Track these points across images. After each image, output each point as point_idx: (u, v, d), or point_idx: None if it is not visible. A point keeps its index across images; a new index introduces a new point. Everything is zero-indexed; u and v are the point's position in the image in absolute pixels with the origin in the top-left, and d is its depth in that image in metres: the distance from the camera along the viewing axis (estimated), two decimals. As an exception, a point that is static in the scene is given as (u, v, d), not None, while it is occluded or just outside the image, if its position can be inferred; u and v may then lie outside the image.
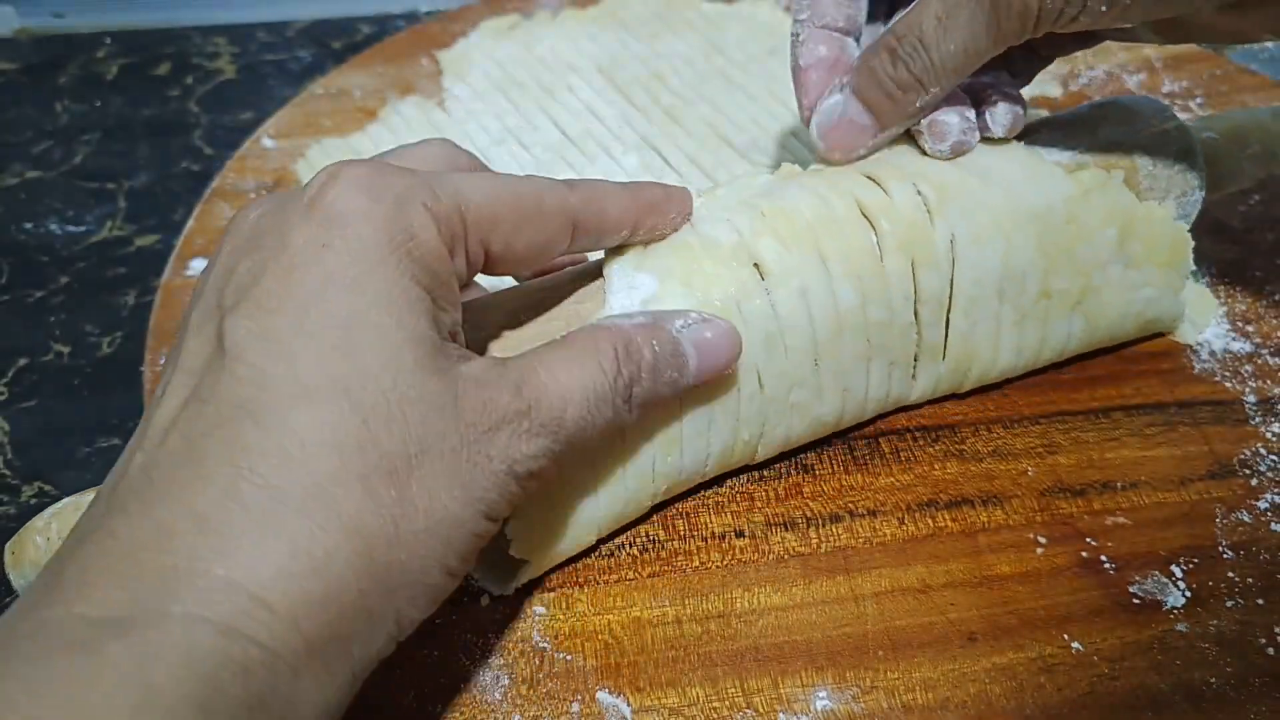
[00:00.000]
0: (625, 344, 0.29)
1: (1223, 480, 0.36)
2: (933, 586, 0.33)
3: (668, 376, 0.30)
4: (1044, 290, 0.36)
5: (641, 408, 0.29)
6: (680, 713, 0.30)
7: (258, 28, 0.66)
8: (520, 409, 0.26)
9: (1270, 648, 0.31)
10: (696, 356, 0.30)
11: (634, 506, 0.33)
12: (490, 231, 0.28)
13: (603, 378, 0.28)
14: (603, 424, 0.28)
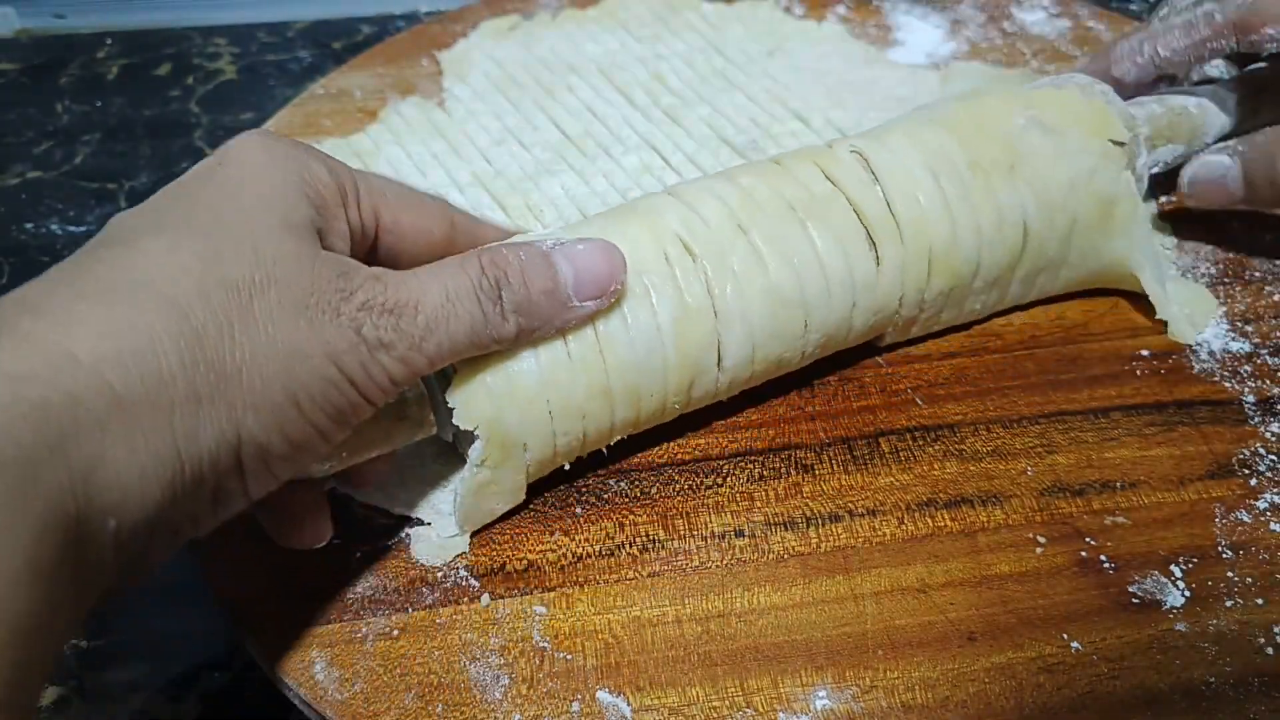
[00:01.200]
0: (491, 255, 0.30)
1: (1222, 480, 0.36)
2: (932, 586, 0.33)
3: (541, 285, 0.31)
4: (972, 161, 0.37)
5: (519, 314, 0.30)
6: (680, 712, 0.30)
7: (258, 28, 0.66)
8: (376, 286, 0.28)
9: (1269, 647, 0.32)
10: (572, 268, 0.31)
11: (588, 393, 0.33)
12: (379, 199, 0.31)
13: (465, 278, 0.29)
14: (470, 320, 0.29)
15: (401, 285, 0.28)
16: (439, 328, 0.29)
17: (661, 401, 0.34)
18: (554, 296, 0.31)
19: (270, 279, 0.26)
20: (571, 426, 0.33)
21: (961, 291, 0.39)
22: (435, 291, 0.29)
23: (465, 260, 0.30)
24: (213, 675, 0.34)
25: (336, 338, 0.26)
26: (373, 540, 0.34)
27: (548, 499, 0.35)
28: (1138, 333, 0.41)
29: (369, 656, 0.31)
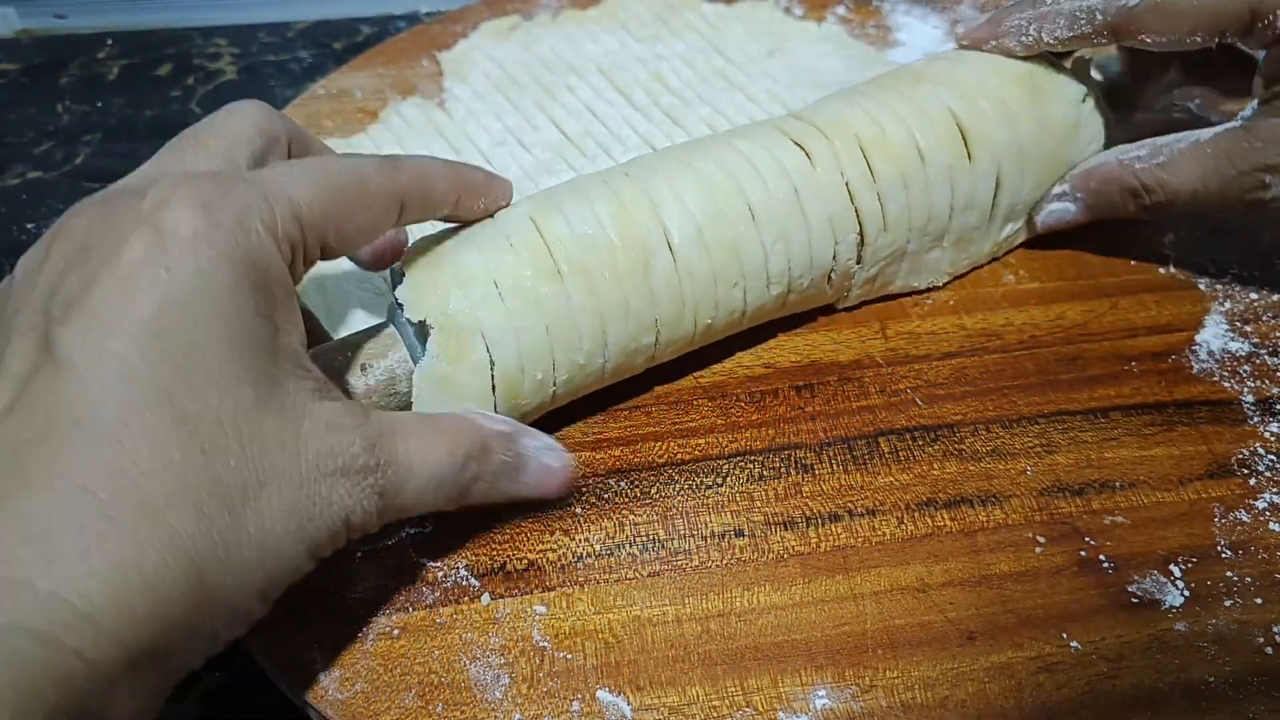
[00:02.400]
0: (482, 445, 0.30)
1: (1221, 480, 0.36)
2: (932, 585, 0.33)
3: (503, 487, 0.31)
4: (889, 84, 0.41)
5: (472, 502, 0.30)
6: (680, 711, 0.30)
7: (259, 29, 0.66)
8: (369, 464, 0.27)
9: (1269, 647, 0.32)
10: (534, 479, 0.32)
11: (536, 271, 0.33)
12: (324, 227, 0.29)
13: (452, 468, 0.29)
14: (434, 506, 0.29)
15: (394, 465, 0.27)
16: (408, 510, 0.29)
17: (620, 293, 0.34)
18: (505, 494, 0.31)
19: (261, 482, 0.24)
20: (528, 315, 0.33)
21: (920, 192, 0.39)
22: (423, 478, 0.28)
23: (457, 442, 0.29)
24: (213, 675, 0.34)
25: (322, 529, 0.26)
26: (373, 540, 0.34)
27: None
28: (1137, 333, 0.41)
29: (369, 656, 0.31)
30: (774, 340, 0.41)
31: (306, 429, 0.26)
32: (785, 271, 0.37)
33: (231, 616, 0.25)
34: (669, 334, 0.36)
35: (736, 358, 0.40)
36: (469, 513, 0.32)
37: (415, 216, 0.32)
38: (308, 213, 0.28)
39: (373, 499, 0.27)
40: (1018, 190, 0.42)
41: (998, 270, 0.44)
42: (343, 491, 0.26)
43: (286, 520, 0.25)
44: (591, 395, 0.37)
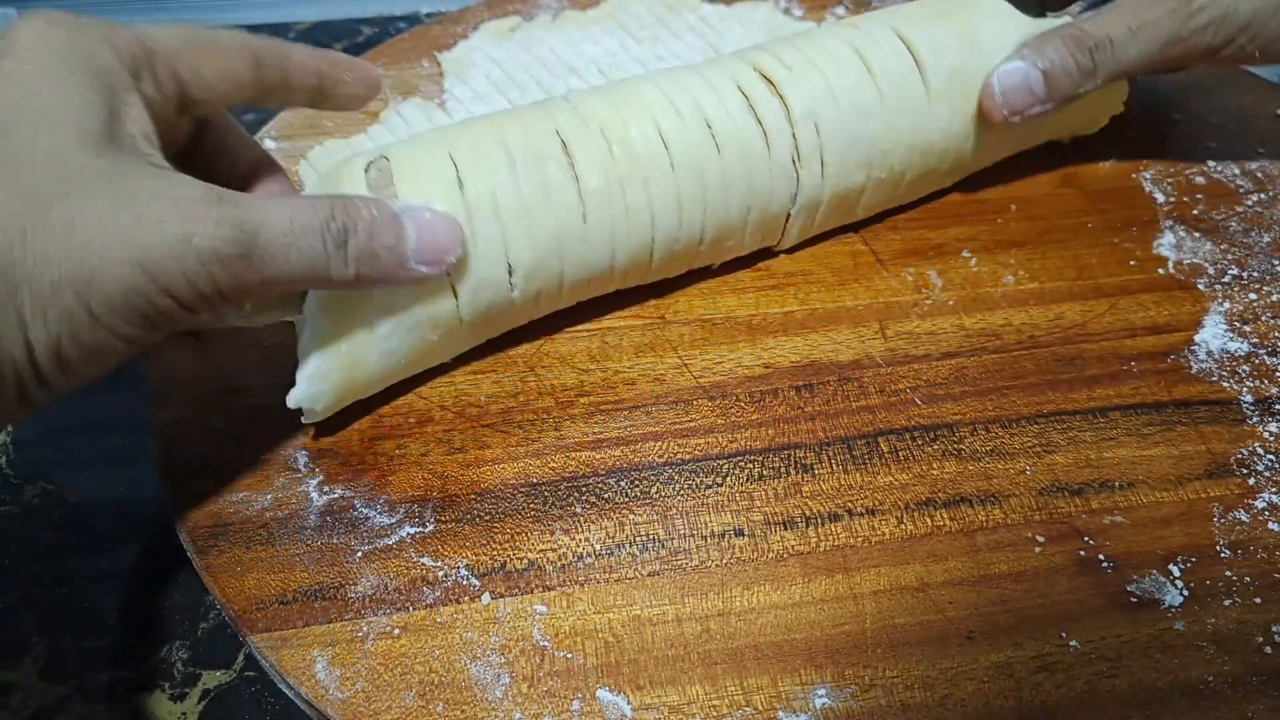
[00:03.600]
0: (344, 202, 0.31)
1: (1220, 480, 0.36)
2: (931, 585, 0.33)
3: (385, 240, 0.32)
4: None
5: (360, 263, 0.31)
6: (680, 711, 0.30)
7: (259, 29, 0.66)
8: (207, 196, 0.28)
9: (1268, 646, 0.32)
10: (416, 232, 0.33)
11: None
12: (174, 59, 0.31)
13: (313, 215, 0.30)
14: (311, 256, 0.30)
15: (241, 203, 0.28)
16: (278, 254, 0.29)
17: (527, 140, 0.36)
18: (395, 253, 0.32)
19: (70, 190, 0.26)
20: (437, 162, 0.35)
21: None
22: (279, 218, 0.29)
23: (317, 200, 0.31)
24: (213, 675, 0.34)
25: (156, 246, 0.26)
26: (373, 540, 0.34)
27: (548, 498, 0.35)
28: (1136, 333, 0.41)
29: (370, 655, 0.31)
30: (773, 340, 0.41)
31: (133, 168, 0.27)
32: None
33: (42, 303, 0.25)
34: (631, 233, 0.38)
35: (736, 358, 0.40)
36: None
37: (276, 77, 0.34)
38: (154, 43, 0.31)
39: (219, 226, 0.27)
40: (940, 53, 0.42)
41: (997, 271, 0.44)
42: (179, 216, 0.27)
43: (103, 226, 0.26)
44: (594, 396, 0.37)
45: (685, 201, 0.38)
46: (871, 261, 0.44)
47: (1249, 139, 0.50)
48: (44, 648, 0.34)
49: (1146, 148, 0.50)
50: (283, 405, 0.38)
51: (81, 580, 0.36)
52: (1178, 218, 0.46)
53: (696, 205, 0.38)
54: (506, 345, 0.40)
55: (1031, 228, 0.46)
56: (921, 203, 0.47)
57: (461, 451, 0.37)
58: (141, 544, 0.37)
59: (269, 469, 0.36)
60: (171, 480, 0.36)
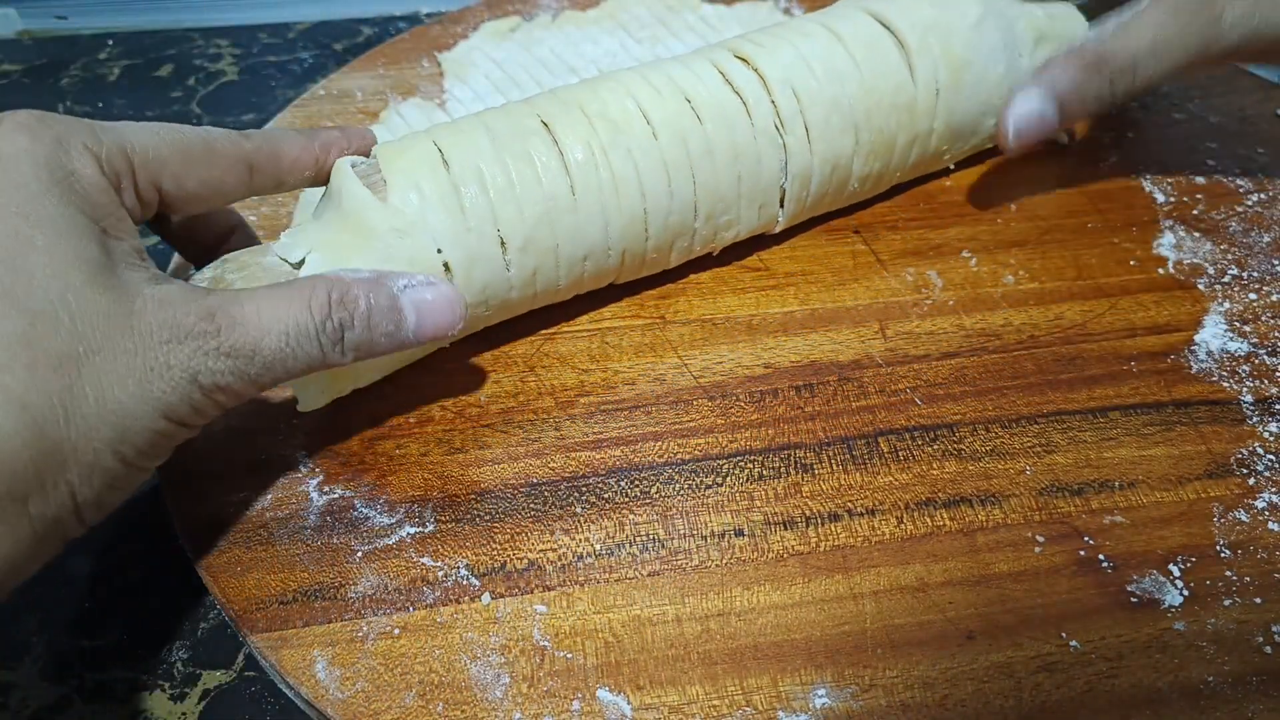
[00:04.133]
0: (341, 292, 0.31)
1: (1220, 480, 0.36)
2: (931, 585, 0.33)
3: (384, 329, 0.32)
4: None
5: (357, 351, 0.31)
6: (680, 710, 0.30)
7: (260, 29, 0.66)
8: (207, 330, 0.28)
9: (1268, 646, 0.32)
10: (416, 315, 0.32)
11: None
12: (159, 170, 0.31)
13: (309, 318, 0.30)
14: (308, 360, 0.30)
15: (238, 327, 0.29)
16: (277, 367, 0.30)
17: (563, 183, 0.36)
18: (393, 339, 0.32)
19: (92, 349, 0.26)
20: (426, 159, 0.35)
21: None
22: (276, 334, 0.29)
23: (313, 294, 0.30)
24: (213, 675, 0.34)
25: (168, 391, 0.28)
26: (373, 540, 0.34)
27: (548, 498, 0.35)
28: (1136, 333, 0.41)
29: (370, 655, 0.31)
30: (773, 340, 0.41)
31: (139, 305, 0.28)
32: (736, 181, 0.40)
33: (88, 470, 0.27)
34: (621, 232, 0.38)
35: (736, 358, 0.40)
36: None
37: (269, 180, 0.34)
38: (139, 152, 0.30)
39: (221, 360, 0.28)
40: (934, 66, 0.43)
41: (997, 271, 0.44)
42: (183, 355, 0.28)
43: (125, 383, 0.27)
44: (597, 401, 0.37)
45: (672, 169, 0.38)
46: (871, 261, 0.44)
47: (1249, 139, 0.50)
48: (44, 648, 0.34)
49: (1147, 148, 0.50)
50: (283, 405, 0.38)
51: (81, 580, 0.36)
52: (1178, 218, 0.46)
53: (684, 173, 0.39)
54: (506, 344, 0.40)
55: (1031, 228, 0.46)
56: (918, 184, 0.47)
57: (461, 451, 0.37)
58: (141, 544, 0.37)
59: (269, 469, 0.36)
60: (171, 480, 0.36)
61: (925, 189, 0.47)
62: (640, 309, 0.42)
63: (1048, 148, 0.49)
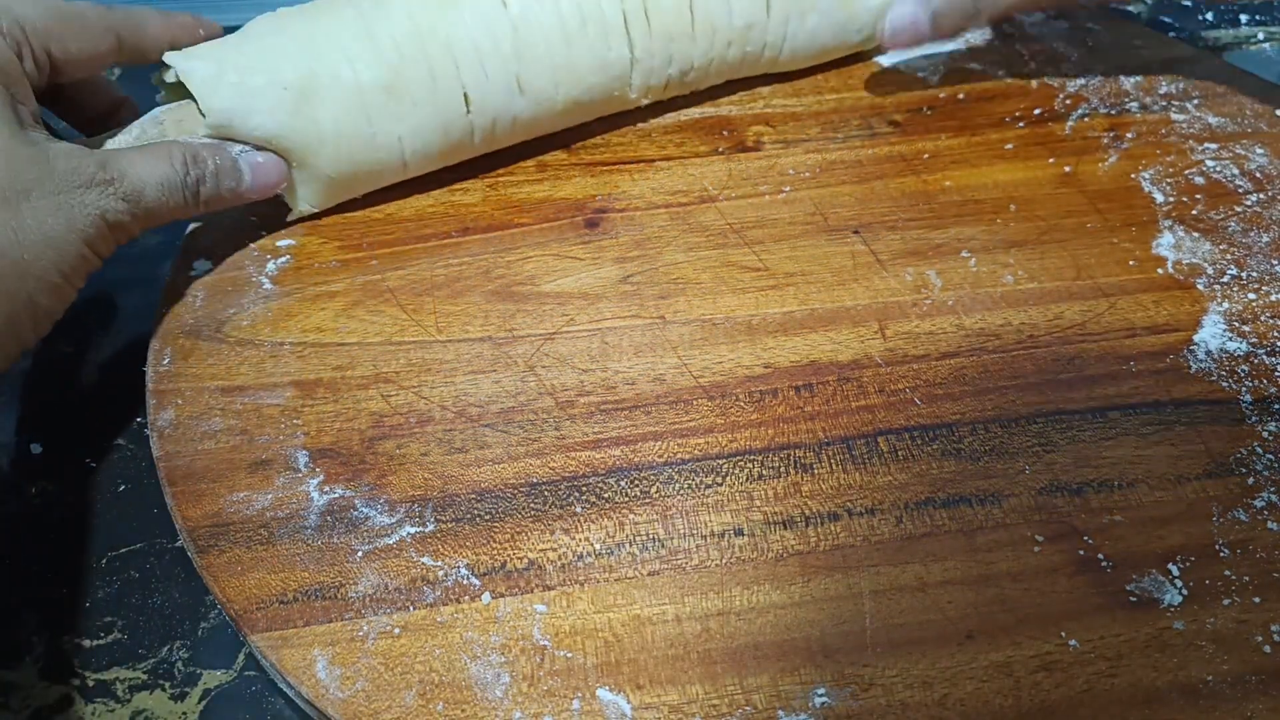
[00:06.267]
0: (193, 154, 0.39)
1: (1219, 479, 0.36)
2: (930, 584, 0.33)
3: (227, 184, 0.40)
4: None
5: (208, 204, 0.40)
6: (680, 710, 0.30)
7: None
8: (106, 178, 0.35)
9: (1267, 646, 0.32)
10: (251, 173, 0.40)
11: None
12: (48, 40, 0.37)
13: (174, 173, 0.38)
14: (177, 207, 0.38)
15: (127, 178, 0.36)
16: (157, 211, 0.38)
17: None
18: (234, 193, 0.40)
19: (27, 189, 0.33)
20: None
21: None
22: (154, 185, 0.37)
23: (173, 155, 0.38)
24: (213, 675, 0.34)
25: (87, 226, 0.35)
26: (373, 540, 0.34)
27: (548, 498, 0.35)
28: (1135, 333, 0.41)
29: (370, 655, 0.31)
30: (773, 340, 0.41)
31: (51, 155, 0.34)
32: None
33: (40, 286, 0.34)
34: None
35: (736, 357, 0.40)
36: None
37: (132, 52, 0.40)
38: (30, 24, 0.36)
39: (119, 202, 0.36)
40: None
41: (997, 271, 0.44)
42: (93, 198, 0.35)
43: (56, 217, 0.34)
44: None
45: None
46: (871, 261, 0.44)
47: (1249, 139, 0.50)
48: (44, 648, 0.34)
49: (1146, 148, 0.50)
50: (283, 405, 0.38)
51: (81, 580, 0.36)
52: (1177, 218, 0.46)
53: None
54: (506, 342, 0.40)
55: (1031, 228, 0.46)
56: (917, 183, 0.47)
57: (461, 451, 0.37)
58: (142, 544, 0.37)
59: (269, 469, 0.36)
60: (171, 480, 0.36)
61: (925, 189, 0.47)
62: (640, 309, 0.42)
63: (1049, 149, 0.49)
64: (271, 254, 0.43)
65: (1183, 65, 0.55)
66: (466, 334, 0.41)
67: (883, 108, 0.52)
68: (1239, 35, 0.63)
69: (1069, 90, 0.53)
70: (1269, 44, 0.62)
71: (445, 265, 0.43)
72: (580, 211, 0.46)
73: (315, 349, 0.40)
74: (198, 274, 0.43)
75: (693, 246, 0.44)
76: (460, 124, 0.43)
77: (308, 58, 0.40)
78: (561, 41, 0.44)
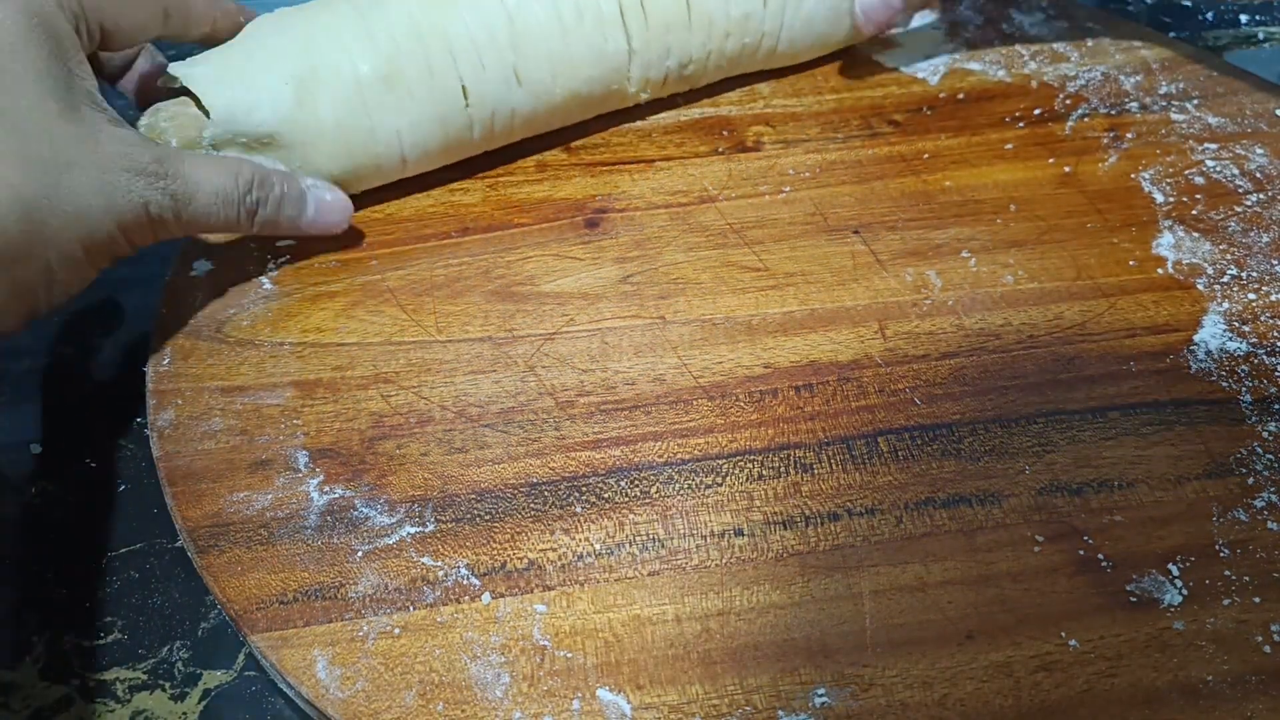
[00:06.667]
0: (262, 177, 0.39)
1: (1219, 479, 0.36)
2: (930, 584, 0.33)
3: (288, 213, 0.40)
4: None
5: (262, 228, 0.39)
6: (680, 710, 0.30)
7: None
8: (159, 171, 0.35)
9: (1267, 646, 0.32)
10: (315, 209, 0.40)
11: None
12: (101, 14, 0.37)
13: (234, 187, 0.37)
14: (226, 221, 0.38)
15: (180, 177, 0.36)
16: (203, 218, 0.37)
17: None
18: (294, 224, 0.40)
19: (71, 162, 0.33)
20: None
21: None
22: (208, 191, 0.37)
23: (240, 171, 0.38)
24: (213, 675, 0.34)
25: (125, 210, 0.34)
26: (373, 540, 0.34)
27: (548, 498, 0.35)
28: (1135, 333, 0.41)
29: (370, 655, 0.31)
30: (773, 340, 0.41)
31: (103, 137, 0.34)
32: None
33: (61, 255, 0.33)
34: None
35: (736, 358, 0.40)
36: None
37: (177, 28, 0.40)
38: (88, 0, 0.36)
39: (166, 197, 0.35)
40: None
41: (997, 271, 0.44)
42: (140, 185, 0.34)
43: (95, 194, 0.33)
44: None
45: None
46: (871, 261, 0.44)
47: (1249, 139, 0.50)
48: (44, 648, 0.34)
49: (1146, 148, 0.50)
50: (283, 406, 0.38)
51: (81, 580, 0.36)
52: (1177, 218, 0.46)
53: None
54: (506, 342, 0.40)
55: (1031, 228, 0.46)
56: (916, 183, 0.47)
57: (461, 451, 0.37)
58: (142, 544, 0.37)
59: (269, 469, 0.36)
60: (171, 480, 0.36)
61: (925, 190, 0.47)
62: (640, 309, 0.42)
63: (1049, 149, 0.49)
64: (271, 254, 0.43)
65: (1183, 65, 0.55)
66: (466, 334, 0.41)
67: (883, 108, 0.52)
68: (1239, 35, 0.63)
69: (1069, 90, 0.53)
70: (1269, 44, 0.62)
71: (445, 265, 0.43)
72: (580, 211, 0.46)
73: (315, 349, 0.40)
74: (198, 274, 0.43)
75: (693, 246, 0.44)
76: (459, 118, 0.43)
77: (307, 53, 0.40)
78: (558, 33, 0.44)
